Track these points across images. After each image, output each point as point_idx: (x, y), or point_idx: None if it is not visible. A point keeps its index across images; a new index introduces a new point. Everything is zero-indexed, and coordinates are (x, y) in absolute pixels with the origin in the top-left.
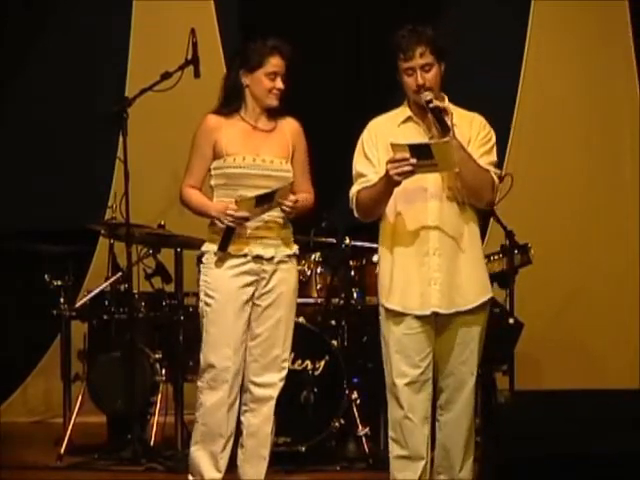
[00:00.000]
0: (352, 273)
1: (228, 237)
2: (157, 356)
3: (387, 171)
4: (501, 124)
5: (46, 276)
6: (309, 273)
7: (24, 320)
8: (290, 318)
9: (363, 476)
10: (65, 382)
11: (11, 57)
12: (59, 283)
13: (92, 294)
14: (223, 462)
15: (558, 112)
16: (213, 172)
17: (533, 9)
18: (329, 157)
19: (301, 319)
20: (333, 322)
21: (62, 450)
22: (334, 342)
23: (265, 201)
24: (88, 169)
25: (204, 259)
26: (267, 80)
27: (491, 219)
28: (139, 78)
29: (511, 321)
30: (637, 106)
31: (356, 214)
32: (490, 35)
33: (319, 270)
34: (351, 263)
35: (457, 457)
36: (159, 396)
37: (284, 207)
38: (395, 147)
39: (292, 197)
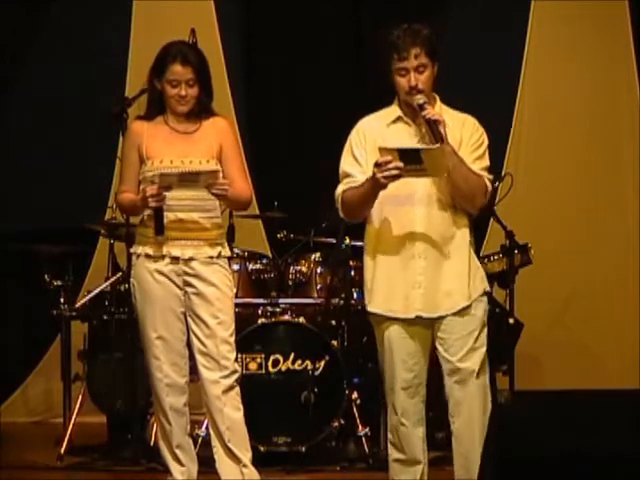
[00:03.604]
0: (352, 273)
1: (158, 219)
2: None
3: (373, 174)
4: (501, 124)
5: (46, 276)
6: (309, 273)
7: (24, 320)
8: (224, 319)
9: (363, 476)
10: (65, 382)
11: (11, 57)
12: (59, 283)
13: (92, 294)
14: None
15: (558, 112)
16: (140, 177)
17: (533, 9)
18: (329, 157)
19: (301, 319)
20: (333, 322)
21: (62, 450)
22: (334, 342)
23: (188, 180)
24: (88, 169)
25: (132, 261)
26: (169, 87)
27: (491, 219)
28: (139, 78)
29: (511, 321)
30: (637, 106)
31: (341, 214)
32: (490, 35)
33: (319, 270)
34: (351, 263)
35: (475, 464)
36: None
37: (214, 190)
38: (383, 151)
39: (223, 180)
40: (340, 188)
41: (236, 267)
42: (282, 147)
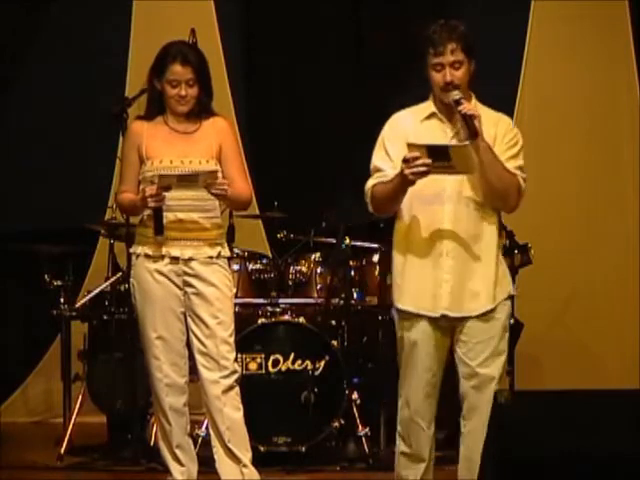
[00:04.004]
0: (352, 273)
1: (158, 219)
2: None
3: (401, 170)
4: None
5: (46, 276)
6: (309, 273)
7: (24, 320)
8: (224, 319)
9: (363, 476)
10: (65, 382)
11: (11, 57)
12: (59, 283)
13: (92, 294)
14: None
15: (558, 112)
16: (140, 177)
17: (533, 9)
18: (329, 157)
19: (301, 319)
20: (333, 322)
21: (62, 450)
22: (334, 342)
23: (187, 181)
24: (88, 169)
25: (132, 261)
26: (169, 87)
27: None
28: (139, 78)
29: (511, 321)
30: (637, 106)
31: (370, 208)
32: (490, 35)
33: (319, 270)
34: (351, 263)
35: (478, 465)
36: None
37: (214, 190)
38: (412, 147)
39: (222, 180)
40: (370, 182)
41: (236, 267)
42: (282, 147)
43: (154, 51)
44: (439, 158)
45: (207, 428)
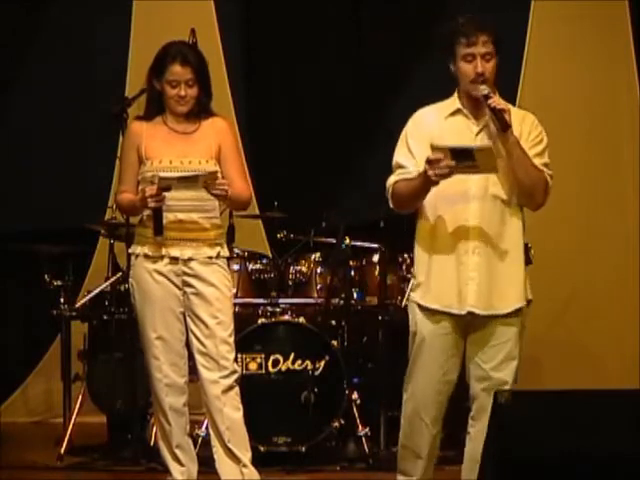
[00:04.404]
0: (352, 273)
1: (158, 219)
2: None
3: (425, 171)
4: None
5: (46, 276)
6: (309, 273)
7: (24, 320)
8: (223, 319)
9: (363, 476)
10: (65, 382)
11: (11, 57)
12: (59, 283)
13: (92, 294)
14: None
15: (558, 112)
16: (139, 177)
17: (533, 9)
18: (329, 157)
19: (301, 319)
20: (333, 322)
21: (62, 450)
22: (334, 342)
23: (186, 182)
24: (88, 169)
25: (131, 261)
26: (169, 88)
27: None
28: (139, 78)
29: None
30: (637, 106)
31: (391, 205)
32: None
33: (319, 270)
34: (351, 263)
35: None
36: None
37: (214, 190)
38: (436, 149)
39: (222, 180)
40: (392, 179)
41: (236, 267)
42: (282, 147)
43: (154, 51)
44: (463, 159)
45: (207, 428)
